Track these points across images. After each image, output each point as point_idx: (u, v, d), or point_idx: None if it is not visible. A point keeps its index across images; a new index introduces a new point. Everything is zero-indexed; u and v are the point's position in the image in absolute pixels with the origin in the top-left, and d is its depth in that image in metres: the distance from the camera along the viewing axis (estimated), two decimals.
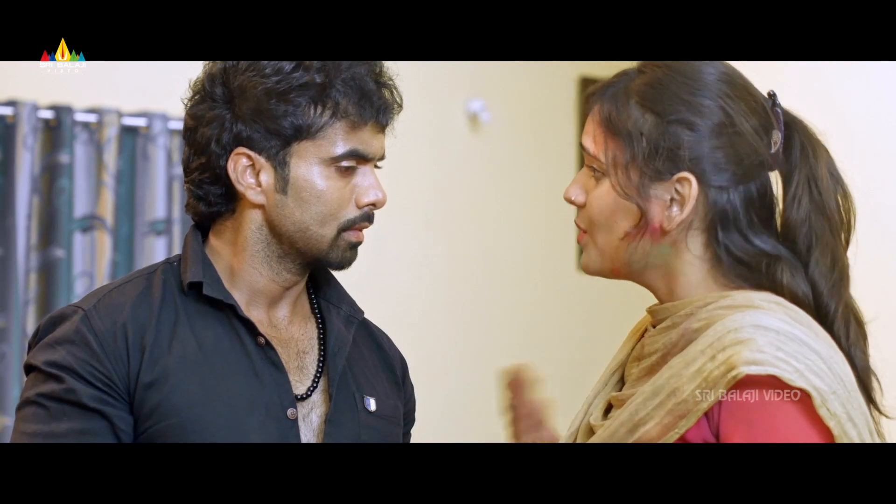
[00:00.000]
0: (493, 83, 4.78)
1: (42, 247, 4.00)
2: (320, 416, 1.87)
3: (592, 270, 1.76)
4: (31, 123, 3.95)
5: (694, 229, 1.69)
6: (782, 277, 1.67)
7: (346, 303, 1.97)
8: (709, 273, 1.70)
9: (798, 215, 1.70)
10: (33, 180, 3.97)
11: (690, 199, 1.67)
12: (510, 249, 4.84)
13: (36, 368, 1.80)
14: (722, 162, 1.67)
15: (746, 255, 1.68)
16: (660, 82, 1.70)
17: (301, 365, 1.90)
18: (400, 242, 4.60)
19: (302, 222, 1.84)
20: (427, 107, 4.63)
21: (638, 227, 1.69)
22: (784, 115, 1.73)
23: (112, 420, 1.77)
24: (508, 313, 4.82)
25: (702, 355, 1.59)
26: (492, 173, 4.81)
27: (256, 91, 1.82)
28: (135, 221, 4.12)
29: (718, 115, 1.68)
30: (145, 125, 4.13)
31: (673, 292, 1.71)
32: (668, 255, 1.70)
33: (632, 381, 1.73)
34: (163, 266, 1.91)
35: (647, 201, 1.68)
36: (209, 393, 1.80)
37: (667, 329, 1.69)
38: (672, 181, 1.67)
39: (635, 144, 1.68)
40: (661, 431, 1.60)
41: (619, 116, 1.70)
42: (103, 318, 1.81)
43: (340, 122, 1.83)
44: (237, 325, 1.85)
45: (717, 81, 1.70)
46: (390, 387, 2.00)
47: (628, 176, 1.68)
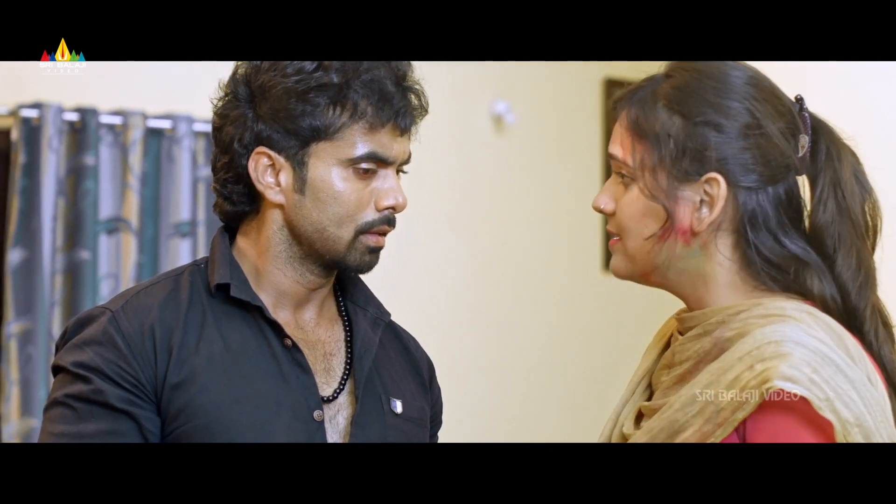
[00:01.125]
0: (517, 85, 4.78)
1: (67, 249, 4.01)
2: (347, 417, 1.87)
3: (622, 274, 1.77)
4: (57, 126, 3.96)
5: (723, 231, 1.69)
6: (812, 283, 1.68)
7: (373, 305, 1.97)
8: (738, 275, 1.70)
9: (824, 218, 1.70)
10: (59, 182, 3.98)
11: (720, 200, 1.67)
12: (534, 251, 4.83)
13: (63, 369, 1.80)
14: (749, 163, 1.67)
15: (776, 256, 1.68)
16: (687, 85, 1.70)
17: (328, 367, 1.90)
18: (423, 244, 4.60)
19: (319, 223, 1.84)
20: (452, 108, 4.63)
21: (664, 228, 1.69)
22: (811, 120, 1.73)
23: (140, 421, 1.78)
24: (532, 315, 4.81)
25: (739, 363, 1.59)
26: (516, 175, 4.81)
27: (276, 90, 1.82)
28: (160, 223, 4.13)
29: (745, 117, 1.68)
30: (170, 127, 4.14)
31: (702, 298, 1.71)
32: (698, 258, 1.70)
33: (663, 388, 1.72)
34: (190, 268, 1.91)
35: (676, 203, 1.68)
36: (236, 394, 1.80)
37: (698, 337, 1.69)
38: (700, 182, 1.68)
39: (662, 146, 1.68)
40: (699, 439, 1.60)
41: (646, 119, 1.70)
42: (131, 319, 1.81)
43: (358, 123, 1.82)
44: (264, 326, 1.85)
45: (744, 84, 1.70)
46: (417, 389, 1.99)
47: (656, 178, 1.69)
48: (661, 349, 1.81)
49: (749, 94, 1.70)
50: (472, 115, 4.72)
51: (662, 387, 1.73)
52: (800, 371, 1.55)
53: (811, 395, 1.55)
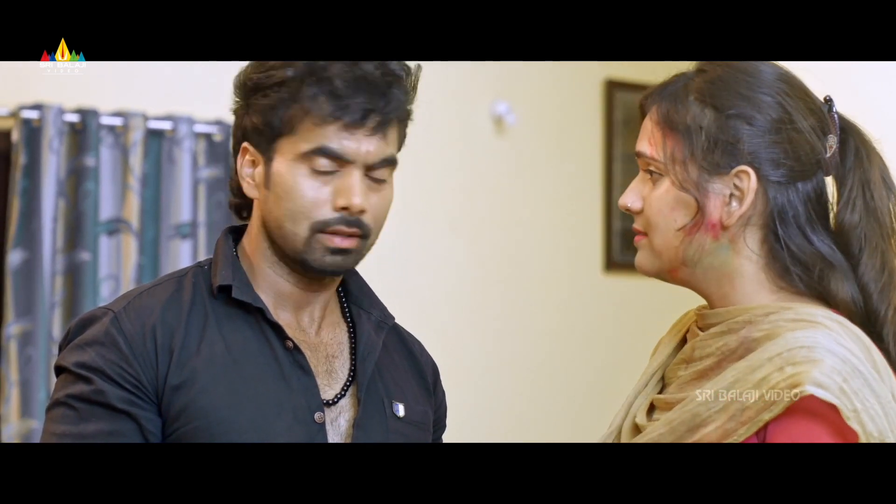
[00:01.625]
0: (518, 85, 4.77)
1: (68, 250, 4.01)
2: (348, 420, 1.87)
3: (647, 270, 1.77)
4: (57, 127, 3.96)
5: (752, 225, 1.70)
6: (837, 286, 1.68)
7: (378, 308, 1.97)
8: (764, 272, 1.71)
9: (852, 218, 1.71)
10: (59, 183, 3.98)
11: (750, 193, 1.68)
12: (535, 252, 4.83)
13: (66, 370, 1.81)
14: (780, 157, 1.68)
15: (804, 253, 1.69)
16: (719, 78, 1.71)
17: (330, 369, 1.89)
18: (424, 245, 4.60)
19: (278, 219, 1.84)
20: (452, 109, 4.63)
21: (695, 220, 1.69)
22: (840, 120, 1.74)
23: (140, 421, 1.78)
24: (532, 316, 4.81)
25: (769, 363, 1.59)
26: (517, 176, 4.80)
27: (251, 87, 1.85)
28: (160, 225, 4.13)
29: (777, 111, 1.69)
30: (171, 128, 4.13)
31: (727, 296, 1.72)
32: (726, 253, 1.71)
33: (680, 383, 1.73)
34: (194, 269, 1.92)
35: (706, 196, 1.69)
36: (237, 396, 1.80)
37: (721, 334, 1.69)
38: (731, 175, 1.68)
39: (694, 138, 1.69)
40: (720, 436, 1.60)
41: (677, 112, 1.71)
42: (133, 320, 1.82)
43: (310, 118, 1.81)
44: (266, 328, 1.85)
45: (776, 80, 1.72)
46: (420, 392, 1.99)
47: (687, 170, 1.70)
48: (676, 344, 1.81)
49: (781, 90, 1.71)
50: (473, 116, 4.72)
51: (679, 381, 1.73)
52: (831, 379, 1.56)
53: (841, 404, 1.55)
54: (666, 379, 1.79)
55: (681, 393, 1.70)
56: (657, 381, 1.80)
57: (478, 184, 4.73)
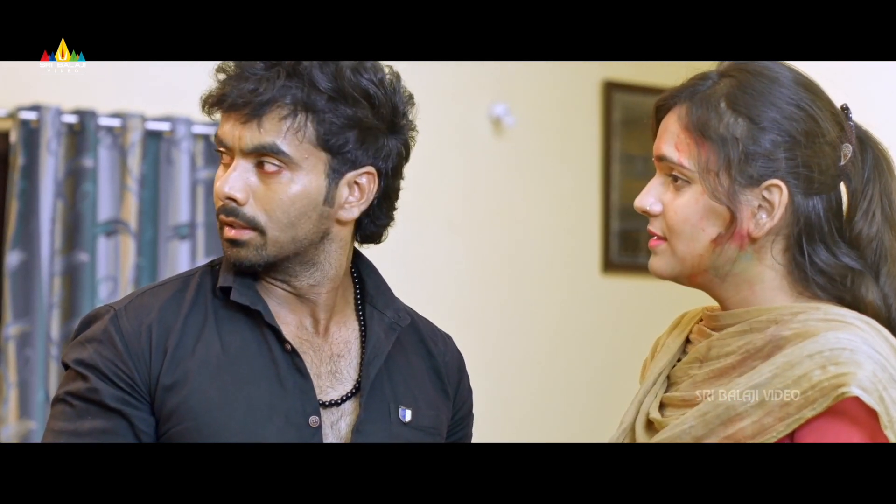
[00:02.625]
0: (516, 87, 4.77)
1: (66, 251, 4.00)
2: (349, 424, 1.84)
3: (665, 275, 1.76)
4: (55, 128, 3.96)
5: (779, 236, 1.70)
6: (866, 293, 1.68)
7: (392, 309, 1.93)
8: (786, 279, 1.70)
9: (870, 230, 1.71)
10: (57, 185, 3.98)
11: (780, 207, 1.67)
12: (534, 253, 4.83)
13: (68, 366, 1.82)
14: (810, 171, 1.68)
15: (830, 267, 1.69)
16: (750, 86, 1.70)
17: (334, 370, 1.87)
18: (423, 246, 4.60)
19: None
20: (451, 111, 4.63)
21: (728, 230, 1.68)
22: (856, 129, 1.73)
23: (133, 421, 1.77)
24: (531, 317, 4.81)
25: (809, 360, 1.59)
26: (515, 177, 4.80)
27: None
28: (158, 226, 4.12)
29: (809, 123, 1.68)
30: (169, 129, 4.13)
31: (745, 299, 1.72)
32: (748, 261, 1.70)
33: (694, 382, 1.72)
34: (203, 269, 1.91)
35: (738, 207, 1.68)
36: (228, 397, 1.79)
37: (742, 333, 1.69)
38: (761, 188, 1.67)
39: (730, 149, 1.68)
40: (756, 431, 1.60)
41: (710, 119, 1.69)
42: (131, 318, 1.81)
43: (215, 109, 1.84)
44: (265, 330, 1.84)
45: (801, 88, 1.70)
46: (436, 395, 1.95)
47: (720, 181, 1.68)
48: (681, 344, 1.81)
49: (809, 100, 1.70)
50: (471, 118, 4.72)
51: (693, 380, 1.72)
52: (873, 385, 1.56)
53: (882, 411, 1.56)
54: (673, 378, 1.78)
55: (697, 391, 1.69)
56: (664, 380, 1.79)
57: (476, 185, 4.73)
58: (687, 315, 1.86)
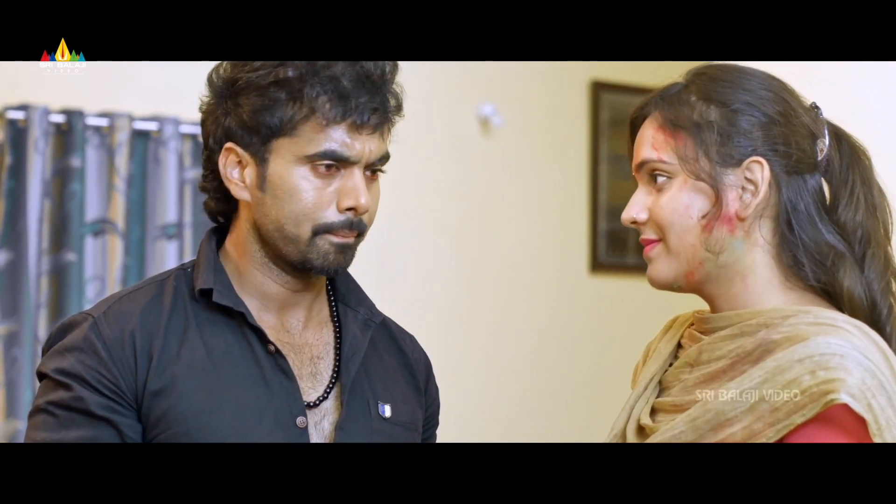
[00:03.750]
0: (504, 87, 4.78)
1: (53, 251, 4.00)
2: (332, 423, 1.85)
3: (663, 278, 1.75)
4: (43, 127, 3.95)
5: (765, 217, 1.71)
6: (843, 278, 1.69)
7: (365, 306, 1.94)
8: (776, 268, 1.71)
9: (856, 217, 1.72)
10: (45, 184, 3.97)
11: (763, 183, 1.69)
12: (521, 253, 4.84)
13: (46, 376, 1.80)
14: (788, 148, 1.70)
15: (817, 244, 1.70)
16: (718, 78, 1.73)
17: (315, 371, 1.88)
18: (411, 247, 4.60)
19: (278, 221, 1.81)
20: (439, 111, 4.63)
21: (714, 209, 1.69)
22: (829, 125, 1.76)
23: (120, 428, 1.76)
24: (519, 317, 4.81)
25: (799, 365, 1.59)
26: (503, 177, 4.81)
27: (241, 86, 1.81)
28: (146, 225, 4.12)
29: (780, 104, 1.71)
30: (157, 129, 4.13)
31: (737, 295, 1.72)
32: (741, 248, 1.71)
33: (686, 386, 1.72)
34: (176, 272, 1.90)
35: (722, 187, 1.70)
36: (217, 401, 1.78)
37: (733, 337, 1.69)
38: (743, 167, 1.69)
39: (704, 133, 1.70)
40: (746, 436, 1.60)
41: (681, 112, 1.72)
42: (112, 325, 1.80)
43: (315, 119, 1.79)
44: (248, 332, 1.84)
45: (770, 78, 1.74)
46: (410, 391, 1.97)
47: (700, 164, 1.70)
48: (673, 348, 1.81)
49: (778, 86, 1.73)
50: (459, 118, 4.72)
51: (684, 384, 1.72)
52: (861, 392, 1.56)
53: (869, 418, 1.56)
54: (664, 383, 1.78)
55: (688, 396, 1.70)
56: (655, 385, 1.79)
57: (464, 185, 4.73)
58: (678, 319, 1.86)
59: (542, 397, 4.81)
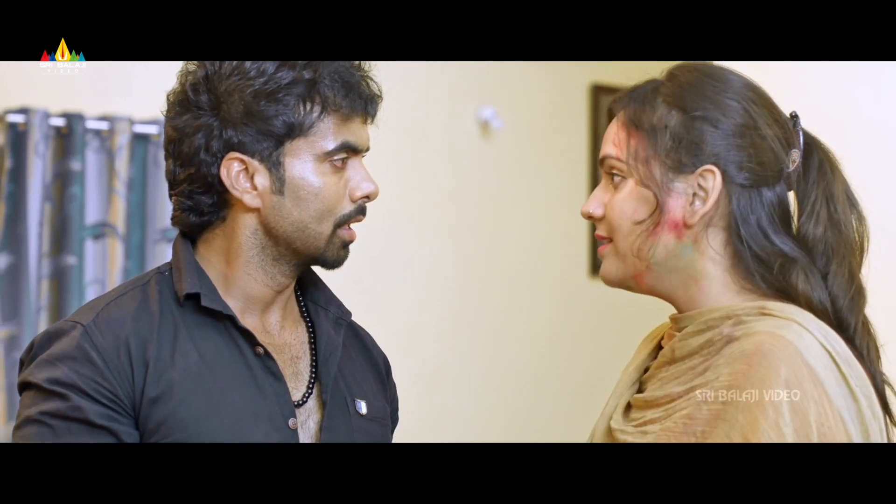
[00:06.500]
0: (504, 90, 4.78)
1: (54, 254, 4.00)
2: (316, 422, 1.86)
3: (612, 278, 1.77)
4: (43, 131, 3.95)
5: (714, 227, 1.72)
6: (796, 281, 1.70)
7: (335, 304, 1.96)
8: (729, 273, 1.72)
9: (816, 231, 1.73)
10: (45, 188, 3.97)
11: (713, 192, 1.69)
12: (521, 256, 4.84)
13: (35, 386, 1.77)
14: (744, 160, 1.70)
15: (765, 252, 1.70)
16: (688, 83, 1.73)
17: (296, 371, 1.89)
18: (410, 249, 4.60)
19: (300, 221, 1.83)
20: (438, 114, 4.63)
21: (653, 215, 1.69)
22: (804, 136, 1.76)
23: (119, 436, 1.75)
24: (519, 320, 4.81)
25: (738, 361, 1.62)
26: (503, 181, 4.81)
27: (245, 94, 1.81)
28: (146, 229, 4.12)
29: (743, 116, 1.71)
30: (157, 133, 4.13)
31: (694, 299, 1.73)
32: (690, 255, 1.71)
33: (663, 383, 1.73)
34: (154, 276, 1.88)
35: (668, 194, 1.70)
36: (215, 406, 1.78)
37: (700, 332, 1.71)
38: (695, 175, 1.70)
39: (658, 137, 1.71)
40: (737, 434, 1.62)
41: (643, 113, 1.73)
42: (104, 333, 1.79)
43: (331, 116, 1.83)
44: (236, 335, 1.84)
45: (743, 88, 1.74)
46: (378, 388, 1.99)
47: (649, 168, 1.71)
48: (651, 349, 1.81)
49: (747, 97, 1.73)
50: (459, 121, 4.72)
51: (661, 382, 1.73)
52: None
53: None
54: (643, 382, 1.79)
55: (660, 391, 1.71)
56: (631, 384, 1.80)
57: (464, 188, 4.73)
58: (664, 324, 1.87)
59: (541, 400, 4.81)
